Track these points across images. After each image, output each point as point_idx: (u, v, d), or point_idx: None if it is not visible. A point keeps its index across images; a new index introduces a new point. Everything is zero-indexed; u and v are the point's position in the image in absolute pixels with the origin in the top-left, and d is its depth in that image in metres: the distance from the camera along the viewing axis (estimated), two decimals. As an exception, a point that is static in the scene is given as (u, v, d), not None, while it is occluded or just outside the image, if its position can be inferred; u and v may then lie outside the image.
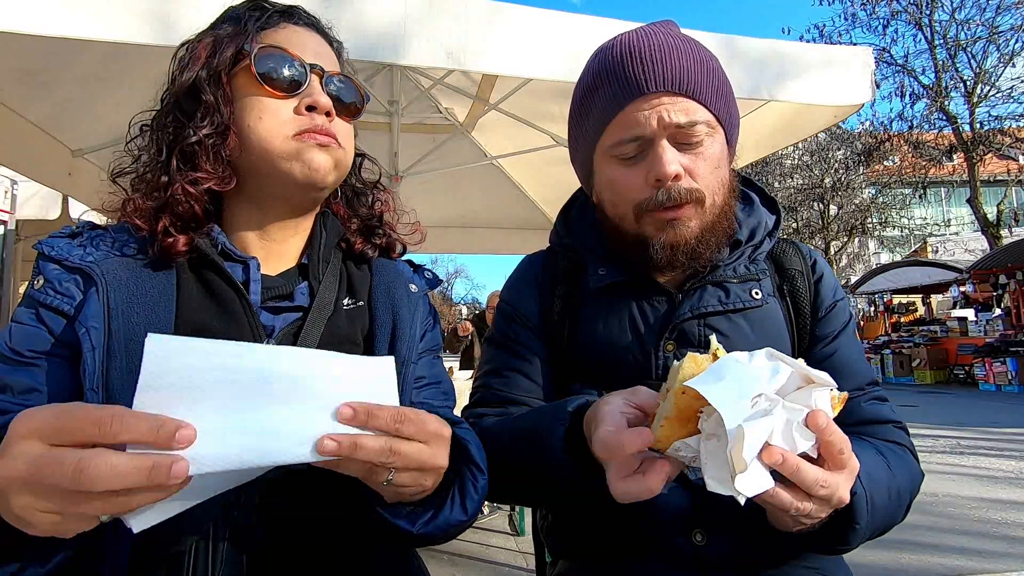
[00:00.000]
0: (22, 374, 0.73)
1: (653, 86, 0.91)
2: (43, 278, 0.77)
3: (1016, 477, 5.09)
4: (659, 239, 0.94)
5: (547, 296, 1.09)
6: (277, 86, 0.81)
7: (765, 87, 2.46)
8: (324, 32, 0.93)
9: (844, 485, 0.66)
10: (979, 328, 13.79)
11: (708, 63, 0.95)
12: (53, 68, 2.56)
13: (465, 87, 3.74)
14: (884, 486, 0.82)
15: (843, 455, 0.64)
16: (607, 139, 0.97)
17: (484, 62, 2.17)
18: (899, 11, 16.52)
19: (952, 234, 23.61)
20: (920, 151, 17.15)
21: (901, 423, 0.97)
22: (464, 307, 43.68)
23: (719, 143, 0.96)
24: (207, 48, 0.83)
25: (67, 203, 4.81)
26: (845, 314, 1.04)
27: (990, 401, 10.39)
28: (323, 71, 0.85)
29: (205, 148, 0.80)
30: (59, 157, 3.16)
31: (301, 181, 0.82)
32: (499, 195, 5.11)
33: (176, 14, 1.79)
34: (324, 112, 0.83)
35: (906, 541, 3.54)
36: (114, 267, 0.77)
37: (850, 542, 0.78)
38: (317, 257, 0.90)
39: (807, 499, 0.64)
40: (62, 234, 0.82)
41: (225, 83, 0.82)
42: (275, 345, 0.71)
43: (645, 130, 0.91)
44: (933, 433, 7.32)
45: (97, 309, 0.73)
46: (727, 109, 0.98)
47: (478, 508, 0.77)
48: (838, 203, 22.55)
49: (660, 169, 0.90)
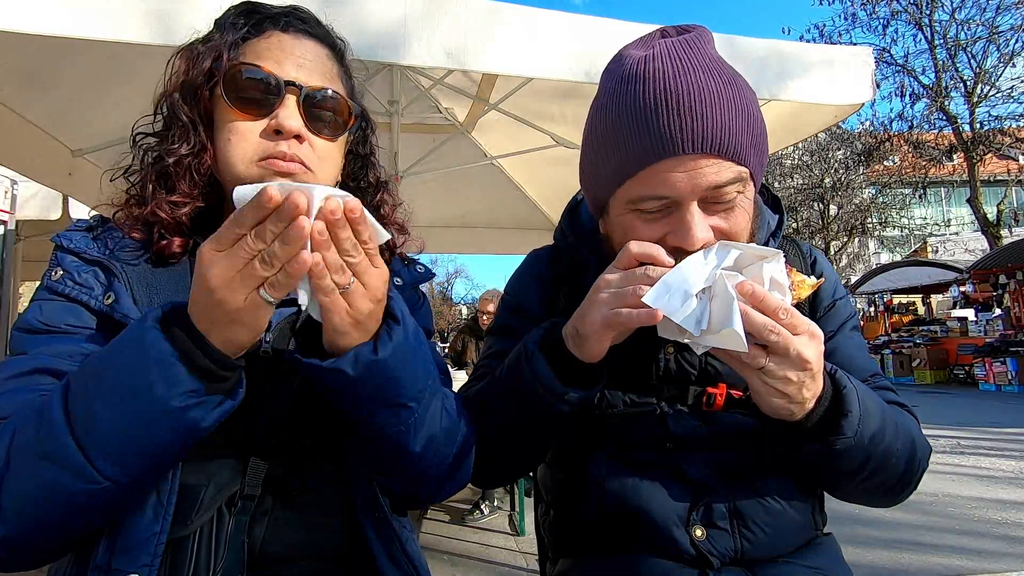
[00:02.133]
0: (59, 342, 0.73)
1: (690, 148, 0.78)
2: (61, 269, 0.77)
3: (1016, 477, 5.10)
4: None
5: (551, 292, 1.09)
6: (245, 107, 0.78)
7: (766, 87, 2.46)
8: (320, 36, 0.88)
9: (801, 342, 0.72)
10: (979, 328, 13.80)
11: (749, 110, 0.82)
12: (53, 68, 2.56)
13: (465, 87, 3.74)
14: (877, 405, 0.85)
15: (787, 316, 0.72)
16: (630, 191, 0.85)
17: (484, 62, 2.17)
18: (899, 11, 16.54)
19: (952, 234, 23.62)
20: (920, 151, 17.16)
21: (908, 406, 0.99)
22: (464, 307, 43.67)
23: (751, 193, 0.86)
24: (185, 61, 0.82)
25: (67, 203, 4.81)
26: (845, 311, 1.04)
27: (990, 401, 10.39)
28: (300, 88, 0.80)
29: (181, 168, 0.80)
30: (59, 157, 3.17)
31: None
32: (499, 195, 5.11)
33: (176, 14, 1.79)
34: (293, 135, 0.78)
35: (906, 541, 3.54)
36: (130, 260, 0.79)
37: (844, 431, 0.79)
38: None
39: (763, 354, 0.72)
40: (78, 228, 0.83)
41: (203, 100, 0.80)
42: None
43: (673, 192, 0.80)
44: (933, 433, 7.31)
45: (128, 302, 0.74)
46: (760, 160, 0.86)
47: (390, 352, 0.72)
48: (838, 203, 22.56)
49: (687, 239, 0.80)
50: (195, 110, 0.80)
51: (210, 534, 0.71)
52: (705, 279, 0.74)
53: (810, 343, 0.73)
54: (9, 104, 2.72)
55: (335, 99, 0.84)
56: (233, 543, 0.72)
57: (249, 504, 0.74)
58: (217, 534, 0.72)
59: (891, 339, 15.75)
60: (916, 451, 0.92)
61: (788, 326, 0.72)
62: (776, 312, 0.71)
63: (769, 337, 0.71)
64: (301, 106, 0.80)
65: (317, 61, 0.84)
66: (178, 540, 0.70)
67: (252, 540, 0.74)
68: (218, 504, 0.72)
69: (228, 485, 0.73)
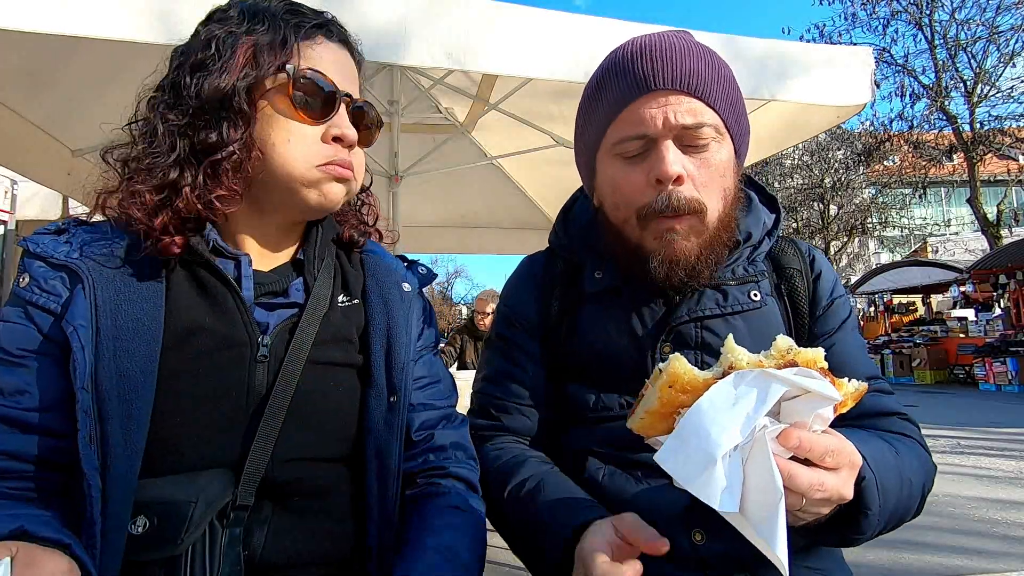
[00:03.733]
0: (12, 375, 0.71)
1: (661, 83, 0.88)
2: (28, 276, 0.75)
3: (1016, 477, 5.09)
4: (659, 254, 0.92)
5: (546, 297, 1.08)
6: (310, 112, 0.80)
7: (766, 87, 2.46)
8: (351, 46, 0.90)
9: (844, 483, 0.67)
10: (979, 328, 13.80)
11: (721, 69, 0.93)
12: (53, 68, 2.57)
13: (465, 87, 3.74)
14: (894, 472, 0.81)
15: (832, 458, 0.65)
16: (611, 136, 0.95)
17: (484, 62, 2.17)
18: (899, 11, 16.54)
19: (952, 234, 23.61)
20: (920, 151, 17.16)
21: (906, 415, 0.96)
22: (464, 307, 43.66)
23: (726, 151, 0.93)
24: (246, 54, 0.78)
25: (67, 203, 4.82)
26: (844, 311, 1.02)
27: (990, 401, 10.39)
28: (351, 99, 0.84)
29: (232, 163, 0.77)
30: (59, 157, 3.17)
31: (313, 207, 0.83)
32: (499, 195, 5.11)
33: (176, 13, 1.79)
34: (349, 144, 0.83)
35: (906, 541, 3.54)
36: (100, 264, 0.75)
37: (864, 531, 0.76)
38: (313, 253, 0.88)
39: (799, 497, 0.64)
40: (47, 231, 0.80)
41: (259, 96, 0.79)
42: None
43: (650, 128, 0.89)
44: (933, 433, 7.31)
45: (84, 307, 0.72)
46: (737, 119, 0.95)
47: None
48: (838, 203, 22.56)
49: (661, 168, 0.87)
50: (252, 104, 0.78)
51: (203, 550, 0.70)
52: (741, 429, 0.58)
53: (849, 479, 0.68)
54: (9, 104, 2.72)
55: (372, 111, 0.90)
56: (228, 556, 0.71)
57: (242, 515, 0.73)
58: (211, 549, 0.70)
59: (891, 339, 15.74)
60: (925, 493, 0.88)
61: (832, 467, 0.65)
62: (823, 458, 0.64)
63: (815, 496, 0.64)
64: (350, 116, 0.84)
65: (353, 73, 0.88)
66: (171, 560, 0.68)
67: (251, 550, 0.73)
68: (209, 519, 0.70)
69: (220, 497, 0.72)
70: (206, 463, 0.73)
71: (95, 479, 0.67)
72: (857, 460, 0.69)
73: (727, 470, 0.58)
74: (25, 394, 0.71)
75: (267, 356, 0.78)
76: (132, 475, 0.69)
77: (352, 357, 0.86)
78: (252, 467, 0.73)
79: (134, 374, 0.71)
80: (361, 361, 0.87)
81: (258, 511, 0.74)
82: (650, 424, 0.66)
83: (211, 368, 0.75)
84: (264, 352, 0.78)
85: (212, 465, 0.73)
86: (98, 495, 0.67)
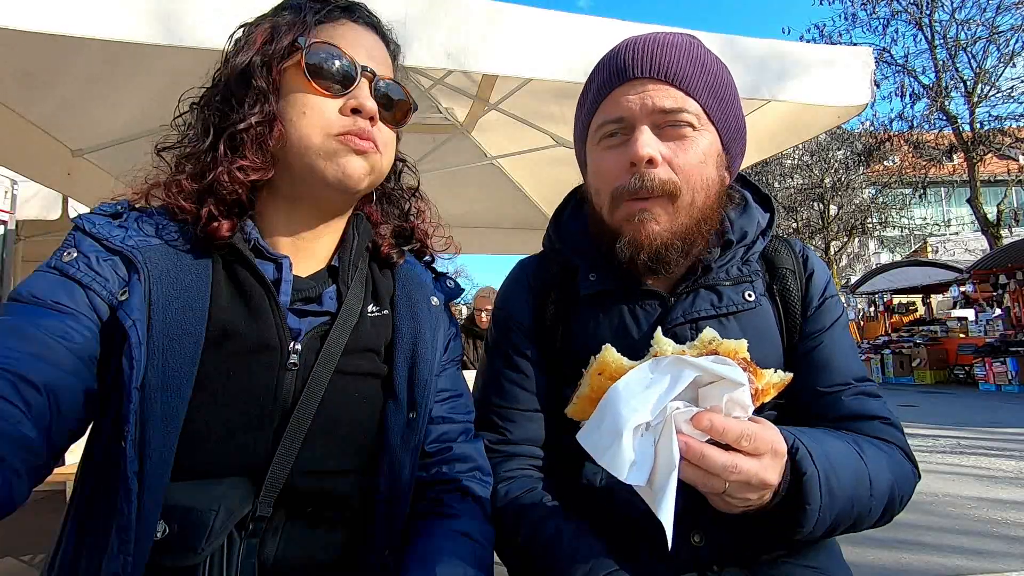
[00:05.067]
0: (47, 317, 0.67)
1: (640, 71, 0.92)
2: (76, 251, 0.73)
3: (1016, 477, 5.09)
4: (626, 236, 0.93)
5: (540, 301, 1.08)
6: (325, 84, 0.79)
7: (766, 87, 2.46)
8: (383, 33, 0.91)
9: (764, 469, 0.69)
10: (979, 328, 13.79)
11: (709, 64, 0.94)
12: (53, 68, 2.56)
13: (465, 87, 3.74)
14: (850, 473, 0.81)
15: (749, 442, 0.67)
16: (595, 123, 0.99)
17: (484, 62, 2.17)
18: (899, 11, 16.52)
19: (952, 234, 23.60)
20: (920, 151, 17.15)
21: (890, 419, 0.95)
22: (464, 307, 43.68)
23: (708, 140, 0.94)
24: (264, 34, 0.81)
25: (67, 203, 4.81)
26: (835, 310, 1.02)
27: (990, 401, 10.38)
28: (374, 74, 0.83)
29: (252, 136, 0.78)
30: (59, 157, 3.16)
31: (332, 182, 0.80)
32: (499, 195, 5.11)
33: (176, 13, 1.79)
34: (368, 116, 0.81)
35: (906, 541, 3.54)
36: (155, 255, 0.74)
37: (804, 525, 0.77)
38: (348, 261, 0.88)
39: (719, 480, 0.67)
40: (103, 212, 0.79)
41: (276, 73, 0.80)
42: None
43: (627, 112, 0.92)
44: (933, 433, 7.31)
45: (141, 301, 0.70)
46: (723, 113, 0.96)
47: None
48: (838, 203, 22.54)
49: (633, 149, 0.90)
50: (269, 80, 0.79)
51: (221, 560, 0.69)
52: (651, 409, 0.63)
53: (772, 463, 0.70)
54: (9, 104, 2.71)
55: (400, 91, 0.89)
56: (245, 568, 0.70)
57: (261, 525, 0.72)
58: (228, 559, 0.69)
59: (891, 339, 15.73)
60: (894, 497, 0.88)
61: (751, 452, 0.68)
62: (739, 441, 0.67)
63: (730, 477, 0.67)
64: (372, 92, 0.83)
65: (383, 55, 0.88)
66: (189, 568, 0.67)
67: (263, 557, 0.72)
68: (229, 529, 0.69)
69: (240, 507, 0.70)
70: (227, 468, 0.72)
71: (133, 483, 0.65)
72: (781, 448, 0.71)
73: (638, 447, 0.63)
74: (61, 340, 0.66)
75: (297, 364, 0.77)
76: (166, 479, 0.67)
77: (377, 367, 0.86)
78: (274, 476, 0.72)
79: (177, 375, 0.69)
80: (385, 371, 0.86)
81: (272, 519, 0.73)
82: (582, 409, 0.70)
83: (241, 371, 0.74)
84: (294, 360, 0.77)
85: (233, 470, 0.72)
86: (135, 499, 0.65)
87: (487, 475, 0.95)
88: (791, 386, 0.97)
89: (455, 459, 0.91)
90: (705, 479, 0.67)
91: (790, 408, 0.97)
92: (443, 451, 0.90)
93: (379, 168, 0.86)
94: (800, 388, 0.95)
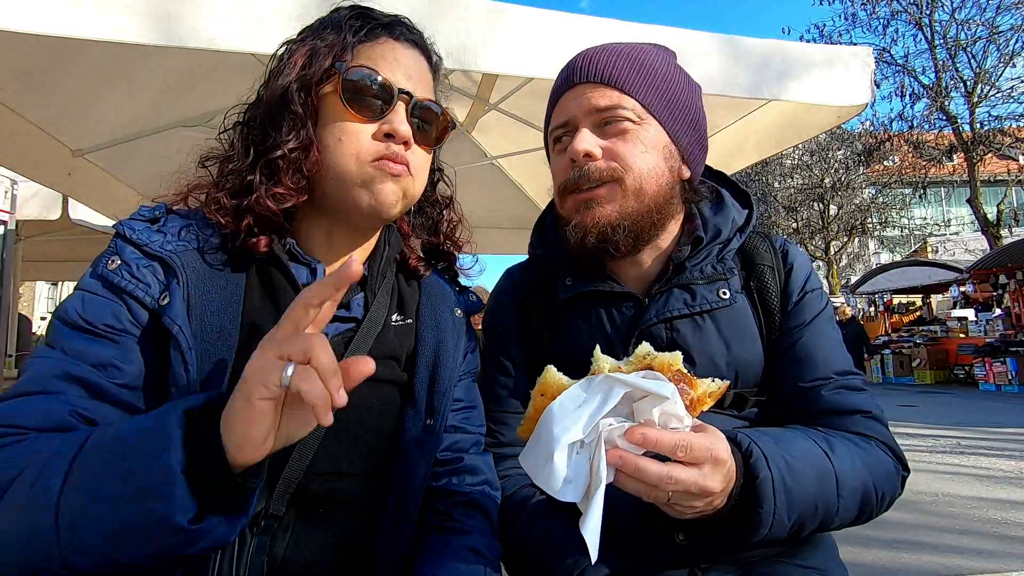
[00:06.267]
0: (99, 346, 0.69)
1: (580, 77, 1.00)
2: (119, 259, 0.74)
3: (1016, 477, 5.09)
4: (573, 220, 0.98)
5: (525, 307, 1.10)
6: (362, 109, 0.79)
7: (766, 87, 2.46)
8: (424, 48, 0.90)
9: (705, 477, 0.69)
10: (979, 328, 13.79)
11: (647, 64, 1.00)
12: (53, 68, 2.56)
13: (465, 87, 3.74)
14: (812, 473, 0.81)
15: (685, 453, 0.67)
16: (549, 130, 1.08)
17: (484, 62, 2.17)
18: (899, 11, 16.53)
19: (952, 234, 23.60)
20: (920, 151, 17.15)
21: (871, 412, 0.94)
22: (464, 307, 43.64)
23: (652, 133, 0.98)
24: (304, 56, 0.81)
25: (67, 203, 4.81)
26: (817, 304, 1.01)
27: (990, 401, 10.38)
28: (411, 96, 0.82)
29: (288, 162, 0.78)
30: (59, 157, 3.16)
31: (366, 211, 0.81)
32: (499, 195, 5.10)
33: (176, 14, 1.79)
34: (402, 141, 0.81)
35: (906, 541, 3.54)
36: (192, 260, 0.75)
37: (759, 527, 0.77)
38: (377, 270, 0.89)
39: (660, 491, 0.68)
40: (142, 217, 0.80)
41: (315, 96, 0.80)
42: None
43: (569, 115, 1.00)
44: (933, 433, 7.31)
45: (181, 306, 0.71)
46: (667, 108, 1.00)
47: None
48: (838, 203, 22.55)
49: (572, 147, 0.97)
50: (307, 105, 0.80)
51: (232, 556, 0.69)
52: (583, 427, 0.64)
53: (713, 472, 0.70)
54: (9, 104, 2.71)
55: (438, 113, 0.88)
56: (254, 565, 0.70)
57: (272, 524, 0.73)
58: (238, 556, 0.70)
59: (891, 339, 15.74)
60: (871, 495, 0.87)
61: (689, 461, 0.68)
62: (675, 452, 0.67)
63: (667, 488, 0.67)
64: (409, 115, 0.82)
65: (422, 73, 0.87)
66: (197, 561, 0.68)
67: (273, 555, 0.72)
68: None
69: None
70: None
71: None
72: (722, 456, 0.70)
73: (573, 465, 0.64)
74: (111, 368, 0.69)
75: None
76: None
77: (397, 375, 0.87)
78: (288, 476, 0.73)
79: (213, 378, 0.70)
80: (405, 379, 0.87)
81: (283, 518, 0.74)
82: (527, 429, 0.71)
83: None
84: None
85: None
86: None
87: (496, 489, 0.96)
88: (775, 382, 0.96)
89: (465, 471, 0.91)
90: (647, 490, 0.68)
91: (774, 404, 0.98)
92: (455, 461, 0.91)
93: (411, 192, 0.86)
94: (782, 384, 0.97)
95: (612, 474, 0.66)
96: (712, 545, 0.87)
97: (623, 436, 0.66)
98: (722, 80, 2.31)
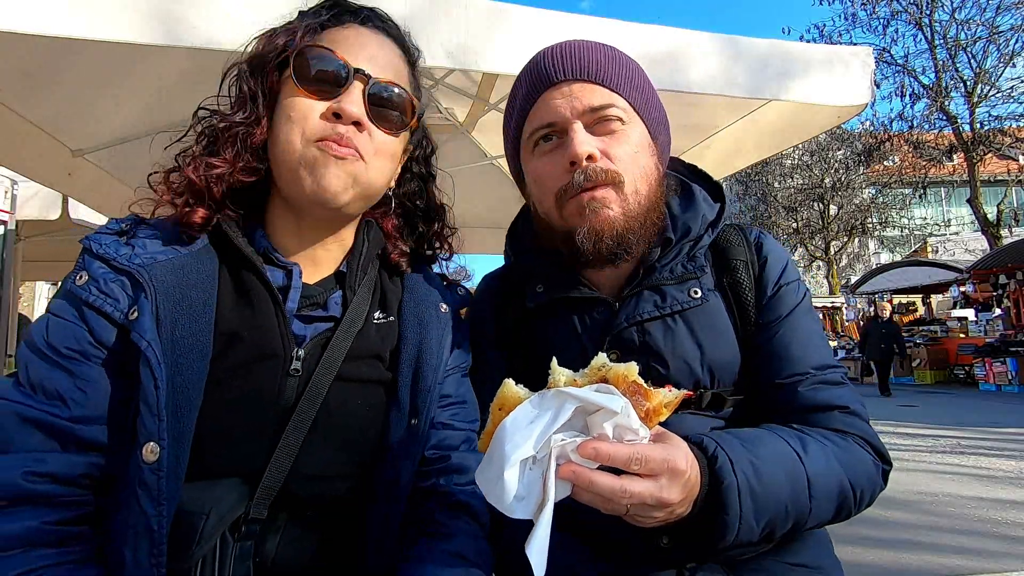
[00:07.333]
0: (58, 373, 0.69)
1: (563, 74, 0.94)
2: (87, 274, 0.73)
3: (1016, 477, 5.09)
4: (583, 227, 0.92)
5: (502, 313, 1.09)
6: (313, 87, 0.78)
7: (766, 87, 2.46)
8: (399, 39, 0.89)
9: (662, 488, 0.68)
10: (979, 328, 13.79)
11: (624, 61, 0.98)
12: (53, 68, 2.56)
13: (465, 87, 3.74)
14: (782, 476, 0.80)
15: (640, 465, 0.66)
16: (526, 132, 1.00)
17: (484, 62, 2.17)
18: (899, 11, 16.54)
19: (952, 234, 23.58)
20: (920, 151, 17.15)
21: (850, 407, 0.92)
22: (464, 307, 43.77)
23: (638, 132, 0.97)
24: (264, 40, 0.82)
25: (67, 203, 4.81)
26: (793, 297, 0.98)
27: (990, 401, 10.38)
28: (368, 77, 0.80)
29: (230, 135, 0.78)
30: (59, 157, 3.15)
31: (310, 196, 0.78)
32: (499, 195, 5.10)
33: (176, 14, 1.79)
34: (351, 121, 0.78)
35: (906, 541, 3.54)
36: (161, 272, 0.74)
37: (726, 533, 0.75)
38: (356, 267, 0.88)
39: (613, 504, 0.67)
40: (109, 230, 0.79)
41: (271, 77, 0.80)
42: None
43: (558, 116, 0.93)
44: (933, 433, 7.31)
45: (151, 321, 0.70)
46: (647, 106, 0.99)
47: None
48: (838, 203, 22.57)
49: (572, 149, 0.91)
50: (259, 84, 0.79)
51: (213, 562, 0.69)
52: (533, 444, 0.63)
53: (671, 483, 0.68)
54: (9, 104, 2.71)
55: (401, 96, 0.85)
56: (238, 571, 0.70)
57: (255, 528, 0.72)
58: (221, 562, 0.69)
59: (891, 339, 15.71)
60: (847, 494, 0.85)
61: (645, 473, 0.67)
62: (629, 464, 0.66)
63: (623, 501, 0.66)
64: (366, 96, 0.80)
65: (389, 58, 0.85)
66: (182, 570, 0.67)
67: (263, 556, 0.72)
68: (220, 533, 0.70)
69: (232, 511, 0.71)
70: (228, 471, 0.72)
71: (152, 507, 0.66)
72: (678, 466, 0.69)
73: (525, 481, 0.63)
74: (69, 401, 0.68)
75: (299, 370, 0.77)
76: (179, 492, 0.68)
77: (381, 373, 0.85)
78: (269, 480, 0.73)
79: (187, 389, 0.69)
80: (389, 378, 0.86)
81: (272, 520, 0.74)
82: (487, 444, 0.70)
83: (244, 378, 0.74)
84: (296, 366, 0.77)
85: (231, 473, 0.72)
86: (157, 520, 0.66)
87: None
88: (752, 379, 0.95)
89: (453, 470, 0.89)
90: (604, 503, 0.67)
91: (751, 403, 0.95)
92: (442, 459, 0.89)
93: (364, 179, 0.81)
94: (759, 381, 0.95)
95: (568, 489, 0.65)
96: (696, 547, 0.87)
97: (576, 451, 0.65)
98: (722, 80, 2.30)
